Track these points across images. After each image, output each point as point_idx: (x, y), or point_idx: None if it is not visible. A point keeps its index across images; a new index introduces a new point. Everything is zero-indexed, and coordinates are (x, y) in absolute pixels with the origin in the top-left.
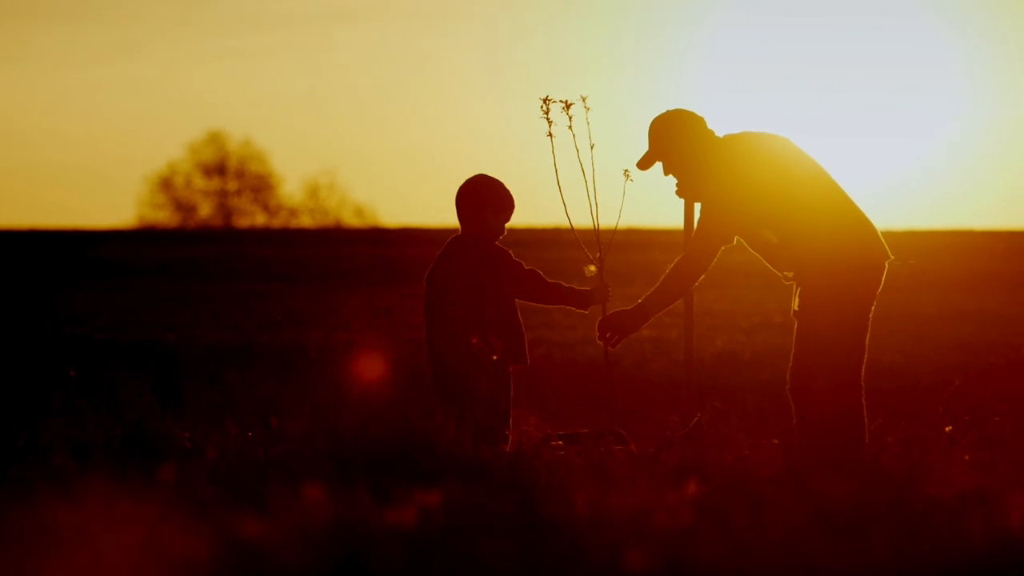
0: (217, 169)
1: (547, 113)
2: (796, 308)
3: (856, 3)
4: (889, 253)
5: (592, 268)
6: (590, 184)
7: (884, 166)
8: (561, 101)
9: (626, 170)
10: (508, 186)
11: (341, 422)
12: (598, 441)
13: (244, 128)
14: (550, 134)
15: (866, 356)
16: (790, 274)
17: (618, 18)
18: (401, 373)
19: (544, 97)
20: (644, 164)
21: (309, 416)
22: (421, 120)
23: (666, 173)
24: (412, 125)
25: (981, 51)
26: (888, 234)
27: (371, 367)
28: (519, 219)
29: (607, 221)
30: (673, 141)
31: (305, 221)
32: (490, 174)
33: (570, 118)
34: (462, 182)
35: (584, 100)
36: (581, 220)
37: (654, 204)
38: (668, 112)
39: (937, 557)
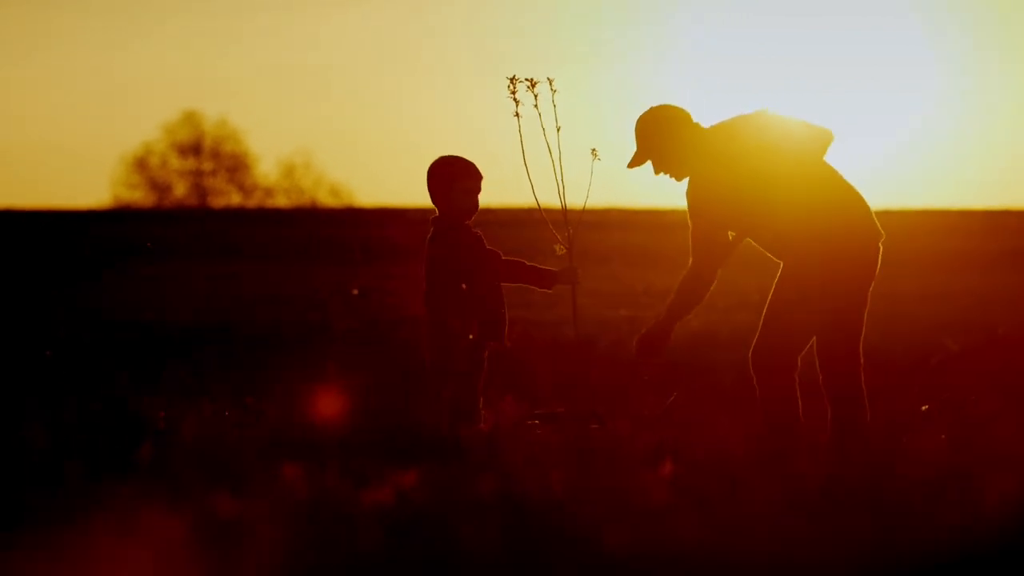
0: (192, 149)
1: (514, 93)
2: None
3: (853, 3)
4: (881, 231)
5: (561, 248)
6: (557, 165)
7: (870, 146)
8: (527, 80)
9: (594, 149)
10: (480, 165)
11: (317, 402)
12: (575, 421)
13: (219, 108)
14: (516, 114)
15: (863, 333)
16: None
17: (598, 2)
18: (377, 354)
19: (511, 77)
20: (634, 163)
21: (285, 396)
22: (397, 100)
23: (656, 172)
24: (388, 105)
25: (968, 42)
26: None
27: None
28: (493, 199)
29: (578, 201)
30: (659, 138)
31: (280, 201)
32: (464, 154)
33: (535, 97)
34: (430, 164)
35: (551, 82)
36: (554, 200)
37: (632, 184)
38: (652, 109)
39: (913, 536)
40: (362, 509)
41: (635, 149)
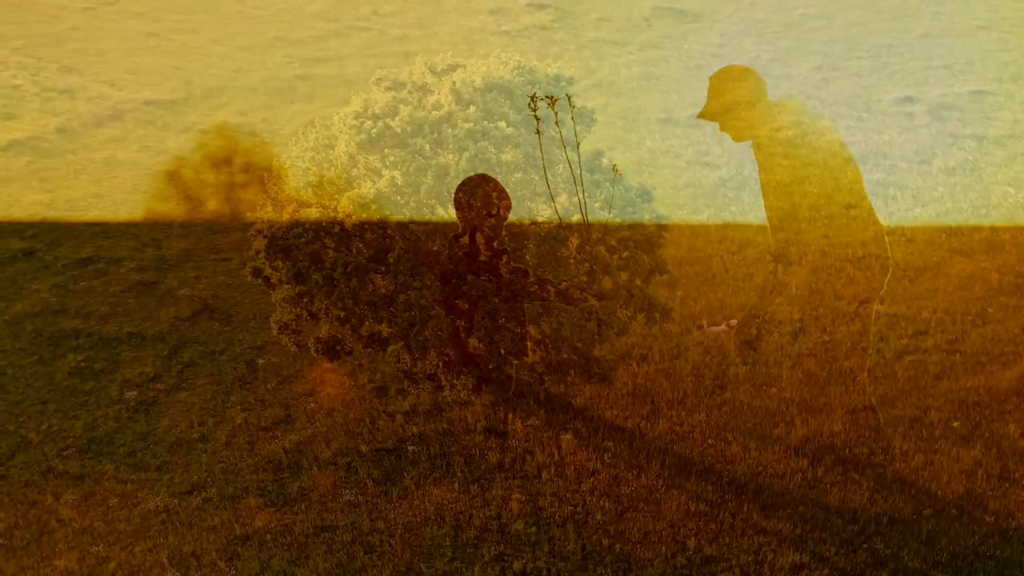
0: (225, 161)
1: (534, 110)
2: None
3: None
4: (891, 259)
5: (587, 266)
6: (578, 180)
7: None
8: (547, 98)
9: (615, 166)
10: (503, 179)
11: (353, 412)
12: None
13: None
14: (537, 131)
15: (871, 351)
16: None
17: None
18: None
19: (531, 94)
20: (703, 115)
21: (317, 404)
22: None
23: (721, 128)
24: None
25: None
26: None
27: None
28: (515, 214)
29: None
30: (729, 95)
31: (313, 214)
32: (488, 169)
33: (556, 114)
34: (461, 183)
35: (569, 98)
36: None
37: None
38: (731, 66)
39: (944, 550)
40: (397, 521)
41: (707, 101)
